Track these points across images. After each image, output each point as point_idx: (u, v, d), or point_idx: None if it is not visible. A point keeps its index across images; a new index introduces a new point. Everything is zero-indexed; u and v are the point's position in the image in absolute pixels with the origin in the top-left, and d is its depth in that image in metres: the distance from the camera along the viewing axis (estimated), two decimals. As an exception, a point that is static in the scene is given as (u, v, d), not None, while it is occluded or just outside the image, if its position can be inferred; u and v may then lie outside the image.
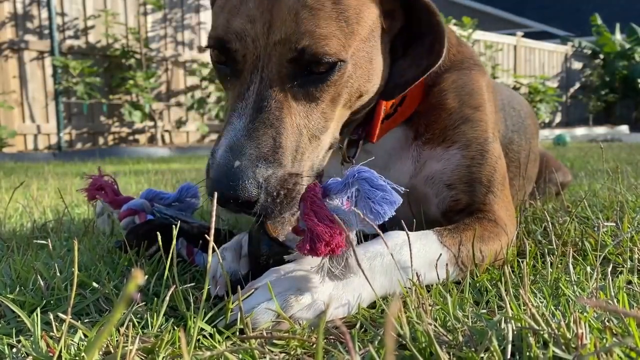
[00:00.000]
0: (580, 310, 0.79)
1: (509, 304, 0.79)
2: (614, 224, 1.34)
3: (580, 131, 12.52)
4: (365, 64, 1.02)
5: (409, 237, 0.94)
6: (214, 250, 0.82)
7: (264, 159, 0.88)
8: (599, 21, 15.83)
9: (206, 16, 8.20)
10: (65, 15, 6.92)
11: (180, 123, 7.87)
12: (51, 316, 0.80)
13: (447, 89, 1.24)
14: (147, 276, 1.06)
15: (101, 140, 7.36)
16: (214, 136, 8.46)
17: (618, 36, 16.44)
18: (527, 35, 14.70)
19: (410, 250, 0.93)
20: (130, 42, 7.33)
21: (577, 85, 15.87)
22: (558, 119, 14.92)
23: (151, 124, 7.62)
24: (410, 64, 1.11)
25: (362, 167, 0.86)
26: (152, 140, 7.70)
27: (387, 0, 1.05)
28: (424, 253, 1.00)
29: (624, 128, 14.06)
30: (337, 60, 0.94)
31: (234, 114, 0.92)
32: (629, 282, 1.02)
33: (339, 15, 0.95)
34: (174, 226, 0.94)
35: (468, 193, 1.22)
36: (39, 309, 0.82)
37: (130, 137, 7.61)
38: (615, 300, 0.86)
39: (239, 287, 0.82)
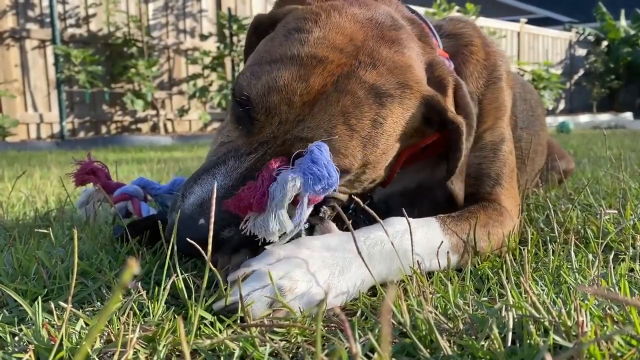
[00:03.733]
0: (581, 298, 0.78)
1: (510, 291, 0.79)
2: (616, 212, 1.34)
3: (584, 118, 12.46)
4: (381, 165, 1.01)
5: (410, 225, 0.93)
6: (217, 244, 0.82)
7: (230, 224, 0.92)
8: (603, 8, 15.68)
9: (207, 4, 8.15)
10: (66, 4, 6.88)
11: (182, 111, 7.85)
12: (52, 305, 0.80)
13: (482, 110, 1.23)
14: (148, 264, 1.06)
15: (104, 129, 7.36)
16: (216, 124, 8.44)
17: (622, 22, 16.28)
18: (531, 21, 14.57)
19: (412, 237, 0.93)
20: (131, 31, 7.30)
21: (581, 72, 15.76)
22: (562, 105, 14.84)
23: (153, 112, 7.61)
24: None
25: (318, 142, 0.89)
26: (154, 128, 7.69)
27: (432, 114, 1.02)
28: (426, 241, 0.99)
29: (628, 115, 13.98)
30: (341, 171, 0.93)
31: (222, 167, 0.92)
32: (631, 270, 1.02)
33: (370, 140, 0.94)
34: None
35: (475, 185, 1.22)
36: (40, 298, 0.82)
37: (133, 126, 7.60)
38: (616, 288, 0.85)
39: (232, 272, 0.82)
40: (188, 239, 0.84)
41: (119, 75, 7.18)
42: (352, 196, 0.87)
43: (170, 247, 0.92)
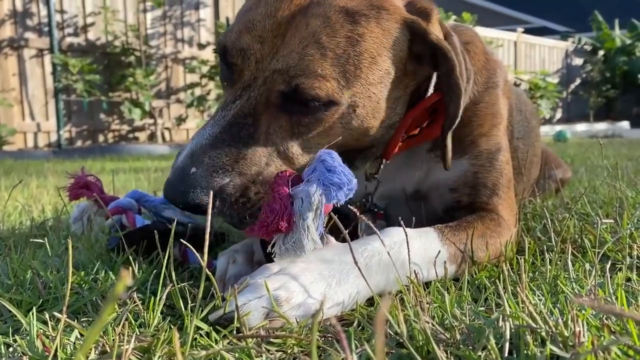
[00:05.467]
0: (578, 308, 0.78)
1: (507, 301, 0.79)
2: (613, 221, 1.34)
3: (581, 127, 12.51)
4: (371, 104, 0.99)
5: (407, 235, 0.93)
6: (210, 251, 0.82)
7: (220, 169, 0.89)
8: (600, 17, 15.80)
9: (205, 13, 8.18)
10: (64, 13, 6.91)
11: (180, 120, 7.86)
12: (47, 315, 0.80)
13: (478, 113, 1.23)
14: (144, 274, 1.06)
15: (101, 138, 7.36)
16: (214, 133, 8.43)
17: (618, 32, 16.41)
18: (527, 31, 14.65)
19: (408, 248, 0.93)
20: (130, 40, 7.32)
21: (578, 81, 15.84)
22: (559, 115, 14.89)
23: (151, 121, 7.61)
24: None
25: (325, 150, 0.89)
26: (152, 137, 7.69)
27: (417, 43, 1.01)
28: (424, 251, 0.99)
29: (625, 124, 14.04)
30: (328, 102, 0.93)
31: (210, 121, 0.93)
32: (628, 279, 1.02)
33: (348, 59, 0.92)
34: (169, 230, 0.93)
35: (471, 195, 1.22)
36: (34, 308, 0.82)
37: (130, 135, 7.60)
38: (613, 298, 0.85)
39: (232, 284, 0.82)
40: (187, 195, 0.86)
41: (116, 84, 7.19)
42: (349, 205, 0.87)
43: (166, 257, 0.92)
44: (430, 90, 1.12)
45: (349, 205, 0.89)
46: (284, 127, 0.94)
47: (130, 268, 1.07)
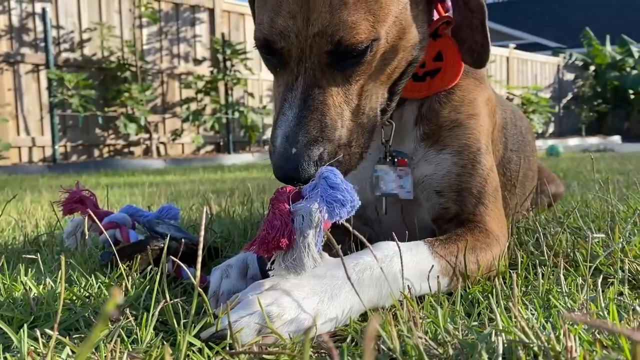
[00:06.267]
0: (570, 323, 0.79)
1: (500, 316, 0.79)
2: (605, 235, 1.35)
3: (573, 141, 12.60)
4: (398, 29, 1.06)
5: (399, 248, 0.94)
6: (203, 266, 0.82)
7: (314, 141, 0.98)
8: (591, 33, 16.01)
9: (201, 29, 8.24)
10: (61, 29, 6.94)
11: (175, 135, 7.87)
12: (38, 332, 0.79)
13: (454, 98, 1.28)
14: (137, 289, 1.06)
15: (96, 153, 7.35)
16: (209, 148, 8.45)
17: (608, 47, 16.63)
18: (519, 46, 14.83)
19: (402, 262, 0.93)
20: (125, 55, 7.35)
21: (570, 95, 16.01)
22: (551, 129, 15.01)
23: (146, 136, 7.62)
24: (469, 28, 1.19)
25: (327, 167, 0.92)
26: (147, 152, 7.69)
27: None
28: (415, 264, 0.99)
29: (617, 138, 14.16)
30: (370, 42, 1.00)
31: (285, 104, 1.00)
32: (620, 294, 1.02)
33: None
34: (161, 244, 0.93)
35: (457, 202, 1.22)
36: (26, 325, 0.81)
37: (126, 150, 7.60)
38: (605, 312, 0.86)
39: (225, 299, 0.81)
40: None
41: (112, 99, 7.20)
42: (343, 223, 0.87)
43: (159, 273, 0.92)
44: (436, 15, 1.20)
45: (343, 222, 0.89)
46: (341, 84, 1.02)
47: (123, 283, 1.07)
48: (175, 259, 0.89)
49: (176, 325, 0.84)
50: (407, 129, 1.27)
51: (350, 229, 0.84)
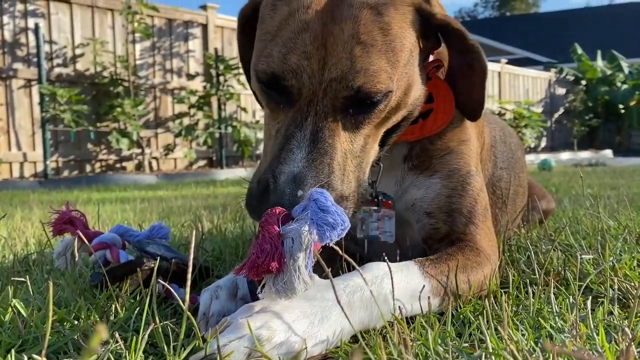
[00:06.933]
0: (560, 345, 0.79)
1: (490, 338, 0.79)
2: (594, 257, 1.35)
3: (565, 155, 12.69)
4: (405, 85, 1.07)
5: (390, 269, 0.94)
6: (194, 286, 0.82)
7: (322, 186, 0.95)
8: (579, 49, 16.21)
9: (194, 45, 8.28)
10: (54, 44, 6.95)
11: (168, 150, 7.86)
12: (25, 357, 0.79)
13: (445, 128, 1.27)
14: (127, 311, 1.05)
15: (88, 168, 7.32)
16: (202, 162, 8.44)
17: (599, 62, 16.83)
18: (511, 62, 14.99)
19: (392, 283, 0.93)
20: (118, 70, 7.36)
21: (561, 110, 16.15)
22: (543, 143, 15.12)
23: (139, 151, 7.60)
24: (467, 83, 1.22)
25: (317, 189, 0.90)
26: (139, 167, 7.67)
27: (420, 24, 1.10)
28: (406, 284, 0.99)
29: (608, 152, 14.28)
30: (387, 92, 1.01)
31: (293, 142, 0.97)
32: (610, 313, 1.03)
33: (387, 48, 1.01)
34: (152, 265, 0.92)
35: (448, 223, 1.23)
36: (13, 350, 0.80)
37: (118, 165, 7.57)
38: (595, 333, 0.86)
39: (215, 320, 0.81)
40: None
41: (104, 114, 7.19)
42: (333, 246, 0.87)
43: (149, 294, 0.91)
44: (431, 57, 1.23)
45: (332, 245, 0.89)
46: (349, 130, 1.02)
47: (113, 305, 1.06)
48: (164, 283, 0.88)
49: (166, 349, 0.83)
50: (395, 166, 1.27)
51: (341, 252, 0.84)
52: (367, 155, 1.07)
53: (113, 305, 1.07)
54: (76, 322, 1.00)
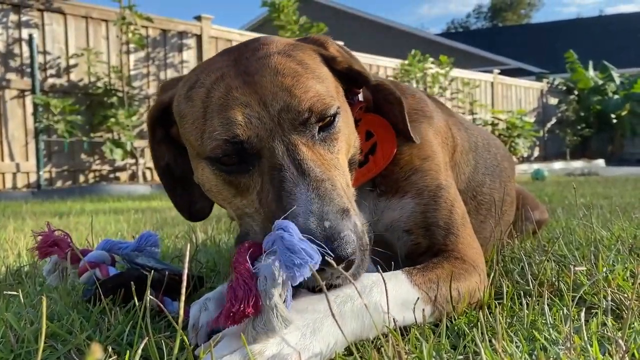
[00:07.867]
0: (553, 358, 0.79)
1: (484, 351, 0.79)
2: (587, 268, 1.36)
3: (558, 165, 12.77)
4: (346, 115, 1.10)
5: (383, 278, 0.94)
6: (189, 297, 0.81)
7: (342, 210, 0.92)
8: (575, 56, 16.33)
9: (189, 55, 8.29)
10: (47, 54, 6.94)
11: (162, 160, 7.83)
12: (18, 372, 0.78)
13: (404, 150, 1.28)
14: (120, 325, 1.04)
15: (82, 178, 7.29)
16: (196, 173, 8.42)
17: (591, 72, 16.99)
18: (504, 72, 15.10)
19: (387, 290, 0.93)
20: (112, 81, 7.36)
21: (554, 120, 16.27)
22: (536, 153, 15.20)
23: (132, 161, 7.58)
24: (393, 115, 1.25)
25: (282, 222, 0.86)
26: (133, 177, 7.64)
27: (328, 68, 1.13)
28: (395, 294, 0.99)
29: (600, 161, 14.38)
30: (337, 108, 1.03)
31: (286, 183, 0.93)
32: (604, 324, 1.03)
33: (313, 75, 1.04)
34: (145, 276, 0.92)
35: (427, 236, 1.24)
36: (6, 365, 0.80)
37: (111, 175, 7.55)
38: (588, 345, 0.86)
39: (204, 331, 0.80)
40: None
41: (98, 125, 7.17)
42: (329, 260, 0.86)
43: (142, 308, 0.91)
44: (360, 97, 1.26)
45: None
46: (327, 153, 1.03)
47: (106, 319, 1.05)
48: (155, 299, 0.88)
49: (159, 363, 0.83)
50: (365, 197, 1.26)
51: (334, 264, 0.84)
52: (348, 178, 1.08)
53: (106, 319, 1.06)
54: (69, 336, 0.99)
